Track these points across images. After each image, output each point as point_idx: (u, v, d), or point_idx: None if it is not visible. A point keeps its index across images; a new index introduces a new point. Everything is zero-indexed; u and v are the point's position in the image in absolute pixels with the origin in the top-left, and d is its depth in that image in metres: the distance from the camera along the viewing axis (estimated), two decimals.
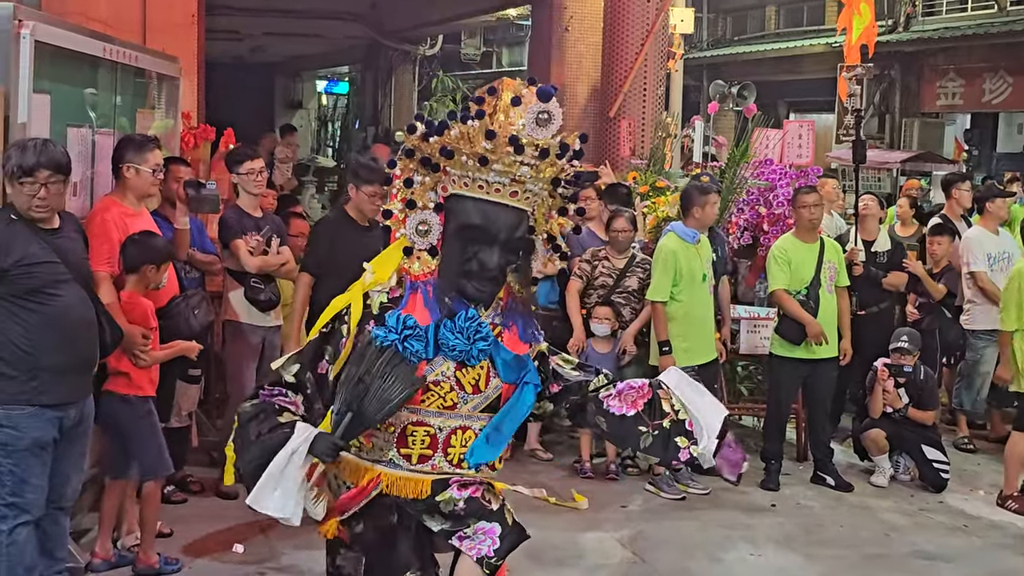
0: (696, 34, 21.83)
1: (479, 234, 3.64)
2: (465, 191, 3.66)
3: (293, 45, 20.89)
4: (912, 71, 19.28)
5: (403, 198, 3.73)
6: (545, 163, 3.64)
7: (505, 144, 3.56)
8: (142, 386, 5.17)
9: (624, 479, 7.20)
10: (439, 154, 3.63)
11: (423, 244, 3.72)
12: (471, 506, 3.62)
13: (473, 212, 3.64)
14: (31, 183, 4.28)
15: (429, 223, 3.70)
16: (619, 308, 7.25)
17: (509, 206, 3.67)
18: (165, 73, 6.72)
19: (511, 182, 3.63)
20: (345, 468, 3.73)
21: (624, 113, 10.73)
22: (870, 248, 8.25)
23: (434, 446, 3.66)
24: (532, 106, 3.60)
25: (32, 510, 4.36)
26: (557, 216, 3.86)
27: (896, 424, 7.42)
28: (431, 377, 3.64)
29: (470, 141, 3.59)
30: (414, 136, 3.69)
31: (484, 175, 3.62)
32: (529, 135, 3.59)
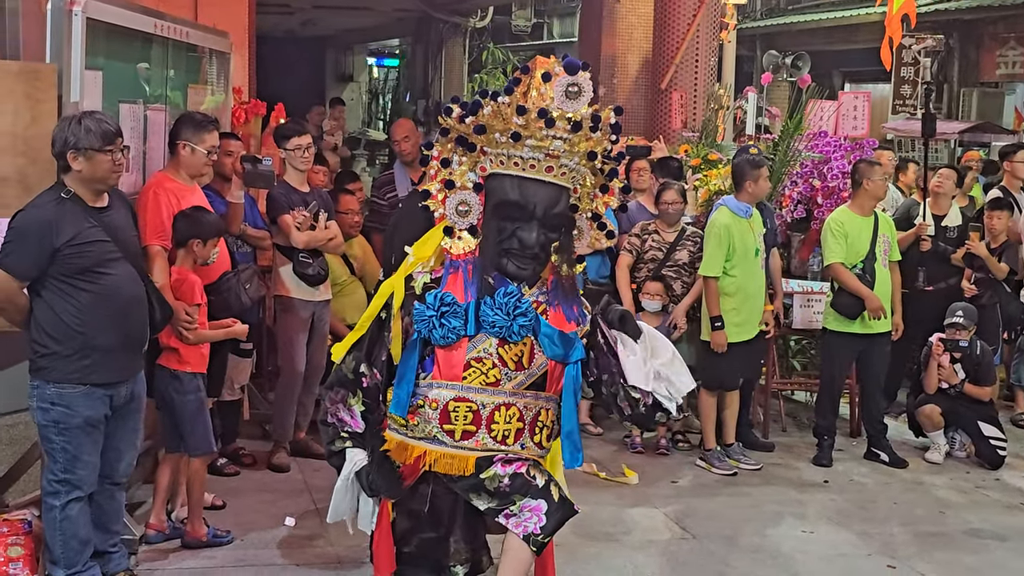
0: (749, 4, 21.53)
1: (516, 210, 3.66)
2: (501, 169, 3.70)
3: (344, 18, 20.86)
4: (971, 40, 18.89)
5: (442, 179, 3.77)
6: (579, 136, 3.65)
7: (536, 119, 3.57)
8: (191, 362, 5.21)
9: (674, 454, 7.17)
10: (473, 132, 3.64)
11: (463, 224, 3.76)
12: (516, 482, 3.64)
13: (510, 189, 3.67)
14: (111, 151, 4.32)
15: (469, 203, 3.75)
16: (669, 282, 7.20)
17: (546, 182, 3.68)
18: (216, 48, 6.73)
19: (545, 157, 3.65)
20: (392, 448, 3.76)
21: (676, 85, 10.63)
22: (940, 223, 8.12)
23: (477, 422, 3.67)
24: (561, 79, 3.61)
25: (84, 486, 4.42)
26: (600, 194, 3.86)
27: (951, 400, 7.32)
28: (473, 354, 3.66)
29: (502, 118, 3.62)
30: (450, 117, 3.71)
31: (518, 151, 3.65)
32: (559, 108, 3.60)
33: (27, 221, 4.27)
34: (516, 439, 3.71)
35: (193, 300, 5.18)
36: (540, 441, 3.79)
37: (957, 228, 8.18)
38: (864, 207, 7.08)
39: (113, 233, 4.40)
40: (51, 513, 4.41)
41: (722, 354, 6.74)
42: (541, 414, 3.76)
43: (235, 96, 7.32)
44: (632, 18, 12.16)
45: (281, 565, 5.14)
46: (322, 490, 6.03)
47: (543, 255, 3.74)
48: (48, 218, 4.25)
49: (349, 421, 3.81)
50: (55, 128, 4.36)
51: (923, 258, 7.69)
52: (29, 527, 4.61)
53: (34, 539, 4.60)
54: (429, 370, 3.69)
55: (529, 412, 3.73)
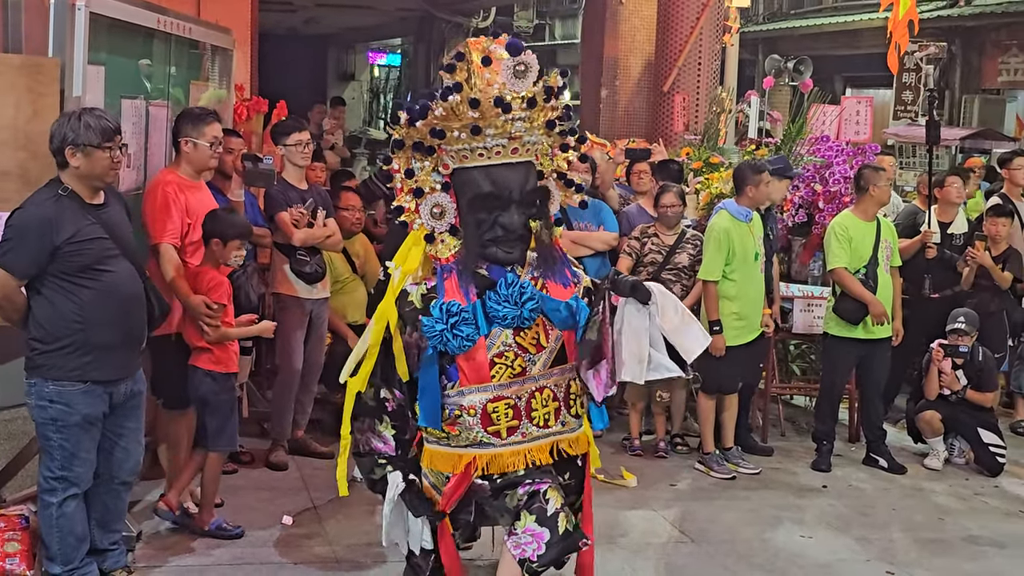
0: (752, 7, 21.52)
1: (493, 200, 3.66)
2: (467, 163, 3.67)
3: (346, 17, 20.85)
4: (973, 46, 18.89)
5: (408, 189, 3.74)
6: (535, 111, 3.65)
7: (491, 107, 3.55)
8: (223, 362, 5.23)
9: (673, 457, 7.16)
10: (430, 136, 3.62)
11: (442, 226, 3.75)
12: (529, 500, 3.67)
13: (481, 180, 3.66)
14: (110, 147, 4.30)
15: (442, 204, 3.74)
16: (669, 285, 7.18)
17: (514, 164, 3.67)
18: (219, 45, 6.72)
19: (509, 140, 3.66)
20: (434, 460, 3.76)
21: (678, 88, 10.61)
22: (946, 230, 8.10)
23: (518, 415, 3.69)
24: (506, 61, 3.59)
25: (80, 483, 4.41)
26: (560, 152, 3.86)
27: (952, 406, 7.31)
28: (493, 351, 3.65)
29: (456, 115, 3.58)
30: (399, 126, 3.68)
31: (480, 142, 3.64)
32: (512, 90, 3.58)
33: (26, 219, 4.24)
34: (556, 418, 3.74)
35: (219, 299, 5.16)
36: (576, 411, 3.81)
37: (963, 236, 8.17)
38: (868, 212, 7.07)
39: (111, 230, 4.38)
40: (48, 510, 4.40)
41: (721, 358, 6.73)
42: (571, 386, 3.79)
43: (237, 93, 7.31)
44: (635, 20, 12.13)
45: (279, 563, 5.12)
46: (320, 489, 6.03)
47: (526, 233, 3.75)
48: (47, 216, 4.22)
49: (383, 448, 3.84)
50: (54, 124, 4.33)
51: (929, 265, 7.68)
52: (26, 522, 4.60)
53: (31, 534, 4.58)
54: (455, 379, 3.70)
55: (560, 389, 3.75)
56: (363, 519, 5.58)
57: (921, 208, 8.34)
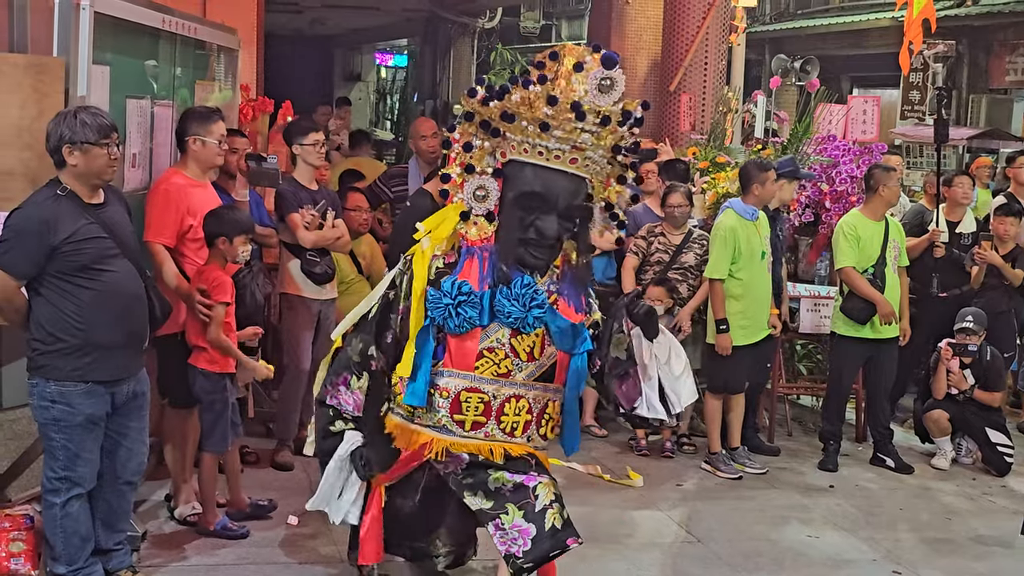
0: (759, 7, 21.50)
1: (538, 201, 3.62)
2: (525, 157, 3.65)
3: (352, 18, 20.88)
4: (980, 46, 18.85)
5: (462, 162, 3.72)
6: (606, 130, 3.61)
7: (567, 110, 3.52)
8: (219, 362, 5.23)
9: (679, 457, 7.14)
10: (500, 118, 3.60)
11: (481, 209, 3.70)
12: (517, 493, 3.64)
13: (533, 179, 3.62)
14: (107, 144, 4.28)
15: (487, 188, 3.69)
16: (675, 284, 7.17)
17: (568, 173, 3.64)
18: (224, 45, 6.72)
19: (571, 149, 3.61)
20: (397, 433, 3.74)
21: (684, 87, 10.59)
22: (954, 229, 8.08)
23: (487, 413, 3.66)
24: (595, 72, 3.56)
25: (84, 483, 4.40)
26: (616, 184, 3.82)
27: (959, 406, 7.28)
28: (485, 343, 3.63)
29: (531, 106, 3.57)
30: (474, 100, 3.65)
31: (545, 141, 3.60)
32: (591, 102, 3.56)
33: (24, 219, 4.22)
34: (524, 431, 3.71)
35: (223, 298, 5.16)
36: (545, 433, 3.80)
37: (971, 235, 8.14)
38: (877, 212, 7.05)
39: (111, 229, 4.35)
40: (52, 510, 4.39)
41: (728, 357, 6.72)
42: (548, 406, 3.76)
43: (243, 93, 7.30)
44: (641, 20, 12.13)
45: (284, 563, 5.12)
46: None
47: (559, 245, 3.72)
48: (45, 216, 4.20)
49: (349, 404, 3.82)
50: (50, 123, 4.30)
51: (937, 264, 7.66)
52: (31, 522, 4.60)
53: (36, 534, 4.58)
54: (440, 357, 3.67)
55: (538, 404, 3.73)
56: None
57: (928, 207, 8.31)
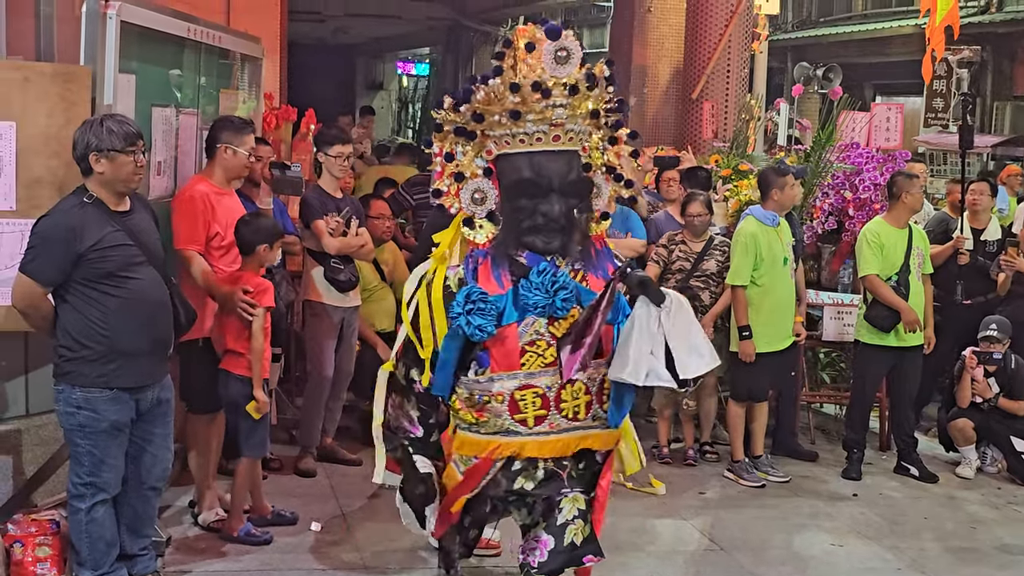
0: (781, 15, 21.46)
1: (532, 187, 3.64)
2: (509, 148, 3.65)
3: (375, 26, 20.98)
4: (1004, 53, 18.77)
5: (449, 173, 3.73)
6: (577, 98, 3.63)
7: (531, 92, 3.53)
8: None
9: (702, 465, 7.12)
10: (471, 120, 3.61)
11: (482, 212, 3.72)
12: (542, 507, 3.71)
13: (522, 167, 3.64)
14: (133, 152, 4.32)
15: (483, 190, 3.71)
16: (697, 292, 7.15)
17: (556, 152, 3.64)
18: (248, 53, 6.76)
19: (550, 127, 3.63)
20: (464, 446, 3.73)
21: (707, 95, 10.58)
22: (979, 237, 8.04)
23: (547, 405, 3.64)
24: (547, 46, 3.58)
25: (109, 488, 4.42)
26: (610, 146, 3.83)
27: (984, 414, 7.24)
28: (525, 339, 3.62)
29: (497, 99, 3.58)
30: (444, 110, 3.67)
31: (521, 128, 3.62)
32: (552, 75, 3.56)
33: (50, 227, 4.26)
34: (587, 412, 3.69)
35: (267, 303, 5.20)
36: (608, 408, 3.76)
37: (996, 242, 8.10)
38: (900, 219, 7.03)
39: (136, 237, 4.38)
40: (77, 516, 4.42)
41: (751, 365, 6.70)
42: (605, 381, 3.72)
43: (266, 102, 7.35)
44: (663, 28, 12.13)
45: (307, 570, 5.13)
46: (348, 495, 6.05)
47: (568, 224, 3.70)
48: (71, 223, 4.24)
49: (409, 428, 3.90)
50: (76, 131, 4.34)
51: (961, 272, 7.62)
52: (57, 527, 4.63)
53: (62, 539, 4.61)
54: (486, 364, 3.66)
55: (594, 382, 3.70)
56: (392, 525, 5.56)
57: (951, 215, 8.28)
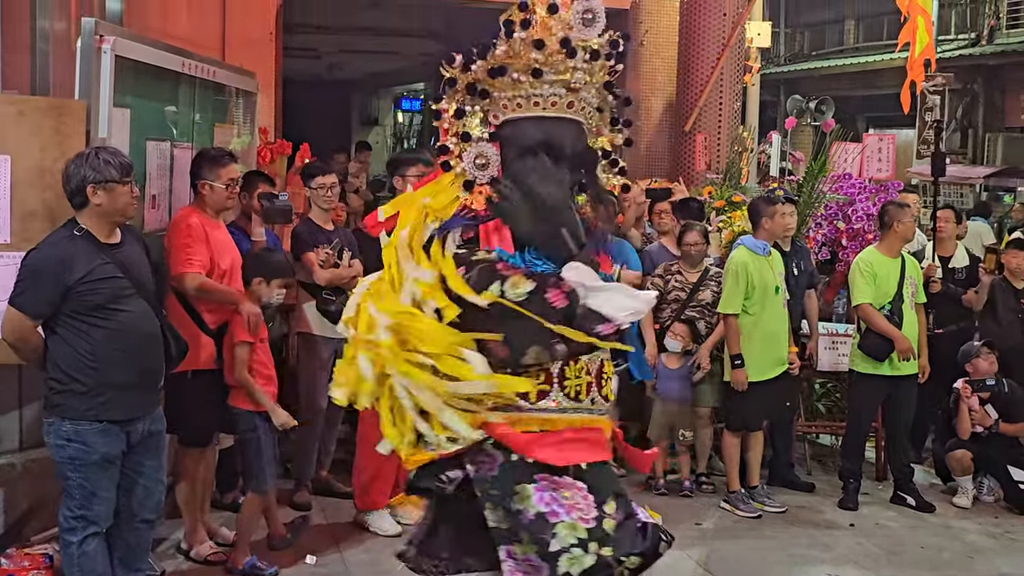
0: (773, 49, 21.64)
1: (546, 152, 3.52)
2: (520, 112, 3.55)
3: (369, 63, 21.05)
4: (996, 85, 18.90)
5: (456, 131, 3.62)
6: (597, 65, 3.54)
7: (557, 50, 3.44)
8: (253, 400, 5.27)
9: (698, 496, 7.10)
10: (488, 76, 3.49)
11: (484, 177, 3.60)
12: (535, 524, 3.44)
13: (535, 131, 3.53)
14: (128, 182, 4.33)
15: (487, 155, 3.59)
16: (694, 322, 7.17)
17: (568, 119, 3.55)
18: (243, 88, 6.80)
19: (567, 92, 3.52)
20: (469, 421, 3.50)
21: (700, 127, 10.62)
22: (947, 264, 8.08)
23: (549, 380, 3.52)
24: (576, 6, 3.48)
25: (100, 522, 4.40)
26: (609, 128, 3.75)
27: (983, 444, 7.22)
28: None
29: (519, 55, 3.47)
30: (453, 66, 3.57)
31: (538, 89, 3.51)
32: (578, 36, 3.48)
33: (39, 259, 4.27)
34: (587, 393, 3.57)
35: (242, 337, 5.22)
36: (606, 394, 3.65)
37: (965, 269, 8.14)
38: (892, 249, 7.05)
39: (126, 269, 4.38)
40: (69, 549, 4.39)
41: (744, 394, 6.70)
42: (604, 365, 3.63)
43: (261, 136, 7.38)
44: (656, 61, 12.18)
45: None
46: (344, 528, 6.01)
47: (573, 195, 3.62)
48: (60, 256, 4.25)
49: None
50: (68, 165, 4.33)
51: (932, 300, 7.62)
52: (50, 561, 4.62)
53: (55, 573, 4.61)
54: None
55: (594, 364, 3.59)
56: (385, 558, 5.55)
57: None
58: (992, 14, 18.86)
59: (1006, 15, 18.86)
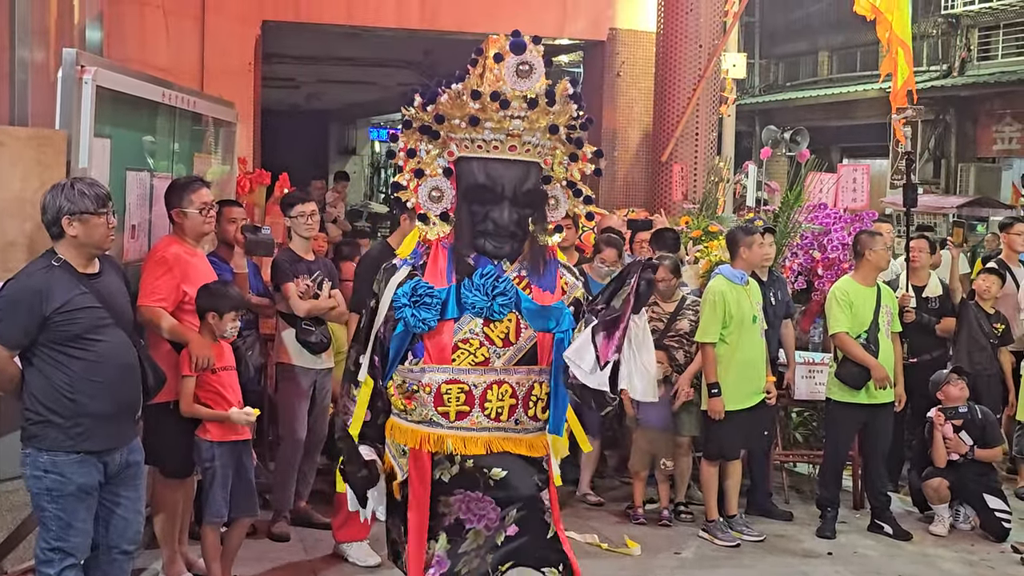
0: (748, 80, 21.83)
1: (485, 192, 3.72)
2: (468, 152, 3.75)
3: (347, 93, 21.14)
4: (968, 116, 19.13)
5: (411, 168, 3.81)
6: (537, 112, 3.72)
7: (490, 101, 3.63)
8: (211, 431, 5.26)
9: (677, 525, 7.11)
10: (434, 120, 3.72)
11: (436, 209, 3.80)
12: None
13: (477, 172, 3.74)
14: (104, 213, 4.32)
15: (441, 189, 3.80)
16: (672, 352, 7.20)
17: (513, 160, 3.73)
18: (222, 118, 6.82)
19: (507, 137, 3.72)
20: (394, 431, 3.81)
21: (676, 157, 10.72)
22: (921, 294, 8.15)
23: (470, 402, 3.70)
24: (510, 59, 3.67)
25: (77, 554, 4.35)
26: (571, 163, 3.90)
27: (958, 472, 7.26)
28: (460, 335, 3.71)
29: (459, 104, 3.67)
30: (413, 107, 3.75)
31: (479, 134, 3.72)
32: (513, 88, 3.65)
33: (16, 290, 4.25)
34: (510, 415, 3.72)
35: (220, 363, 5.22)
36: (535, 414, 3.78)
37: (938, 298, 8.22)
38: (867, 278, 7.11)
39: (104, 299, 4.36)
40: None
41: (722, 423, 6.73)
42: (535, 388, 3.76)
43: (240, 166, 7.40)
44: (633, 92, 12.31)
45: None
46: (322, 559, 5.99)
47: (520, 232, 3.78)
48: (37, 286, 4.22)
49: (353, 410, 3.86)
50: (45, 196, 4.31)
51: (906, 330, 7.68)
52: None
53: None
54: (420, 355, 3.72)
55: (522, 388, 3.74)
56: None
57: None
58: (964, 46, 19.11)
59: (977, 47, 19.12)
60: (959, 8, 18.89)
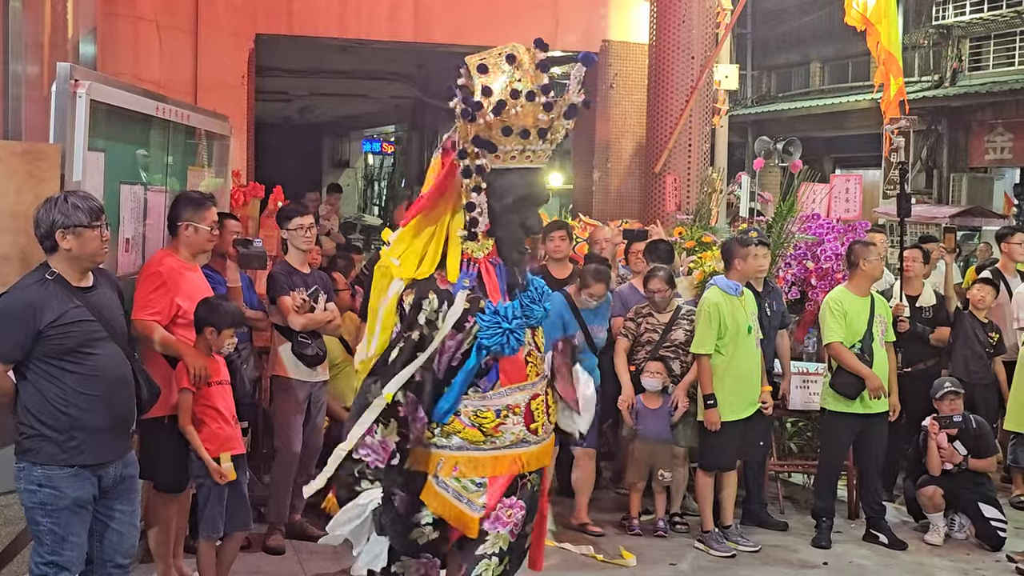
0: (741, 91, 21.85)
1: (530, 202, 3.74)
2: (512, 164, 3.68)
3: (341, 105, 21.15)
4: (959, 126, 19.18)
5: (471, 187, 3.73)
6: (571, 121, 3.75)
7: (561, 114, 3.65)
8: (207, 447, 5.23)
9: (672, 536, 7.10)
10: (501, 133, 3.61)
11: (482, 226, 3.73)
12: None
13: (521, 183, 3.71)
14: (98, 226, 4.31)
15: (480, 205, 3.72)
16: (668, 362, 7.20)
17: (541, 169, 3.79)
18: (215, 132, 6.82)
19: (550, 146, 3.75)
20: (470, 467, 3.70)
21: (669, 169, 10.74)
22: (915, 303, 8.17)
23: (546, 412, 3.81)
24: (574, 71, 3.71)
25: (71, 567, 4.33)
26: None
27: (953, 481, 7.27)
28: (525, 350, 3.72)
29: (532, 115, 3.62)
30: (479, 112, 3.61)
31: (533, 145, 3.68)
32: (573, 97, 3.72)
33: (10, 303, 4.24)
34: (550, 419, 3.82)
35: (216, 377, 5.21)
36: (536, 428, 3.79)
37: (932, 308, 8.24)
38: (861, 287, 7.13)
39: (98, 313, 4.35)
40: None
41: (717, 434, 6.73)
42: (532, 402, 3.78)
43: (234, 179, 7.40)
44: (626, 104, 12.34)
45: None
46: (318, 572, 5.97)
47: None
48: (31, 300, 4.21)
49: (380, 454, 3.63)
50: (39, 210, 4.30)
51: (900, 339, 7.70)
52: None
53: None
54: (495, 379, 3.66)
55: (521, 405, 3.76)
56: None
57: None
58: (955, 56, 19.17)
59: (968, 57, 19.18)
60: (950, 19, 18.95)
